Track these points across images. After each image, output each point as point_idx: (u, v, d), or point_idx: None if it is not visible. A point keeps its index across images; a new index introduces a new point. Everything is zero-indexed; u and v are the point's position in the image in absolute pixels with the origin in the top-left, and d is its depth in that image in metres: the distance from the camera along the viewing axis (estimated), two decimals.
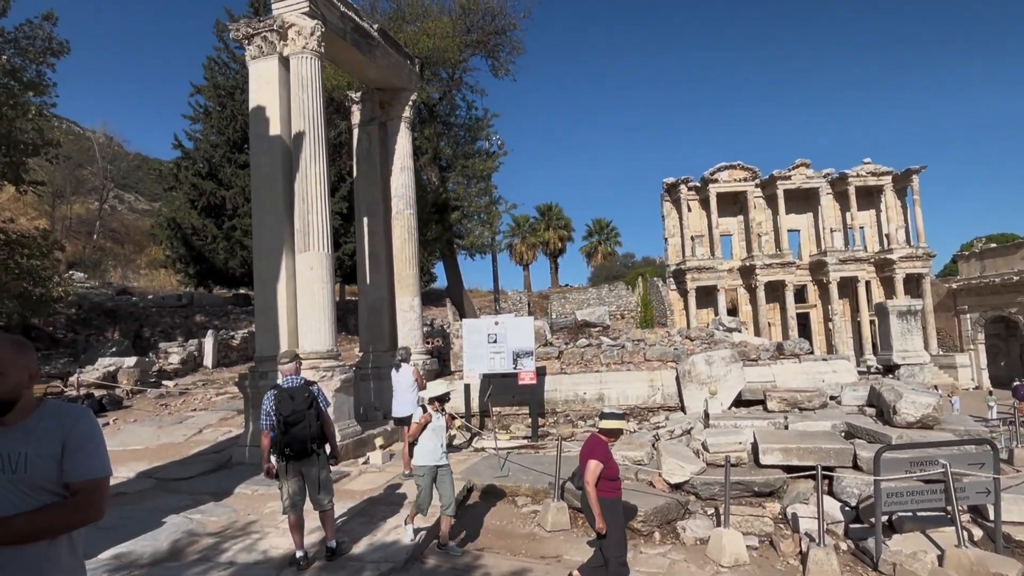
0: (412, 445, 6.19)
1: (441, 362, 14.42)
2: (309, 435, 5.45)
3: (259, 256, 10.35)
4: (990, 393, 28.60)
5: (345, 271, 27.63)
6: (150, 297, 29.60)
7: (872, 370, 18.76)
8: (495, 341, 11.21)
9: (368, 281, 13.28)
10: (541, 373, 12.15)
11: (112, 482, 7.91)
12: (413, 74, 13.81)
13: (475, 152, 20.53)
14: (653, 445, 8.88)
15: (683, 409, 11.49)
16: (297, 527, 5.55)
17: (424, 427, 6.05)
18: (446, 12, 19.03)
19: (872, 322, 37.59)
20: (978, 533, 6.20)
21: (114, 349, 19.11)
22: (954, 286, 40.77)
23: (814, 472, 6.09)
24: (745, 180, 42.45)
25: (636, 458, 8.24)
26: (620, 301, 43.99)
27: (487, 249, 21.36)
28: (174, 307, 26.75)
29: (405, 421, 9.16)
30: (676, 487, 7.47)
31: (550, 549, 6.35)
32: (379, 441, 9.96)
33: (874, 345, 37.65)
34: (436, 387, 6.44)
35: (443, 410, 6.29)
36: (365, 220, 13.34)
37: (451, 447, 10.22)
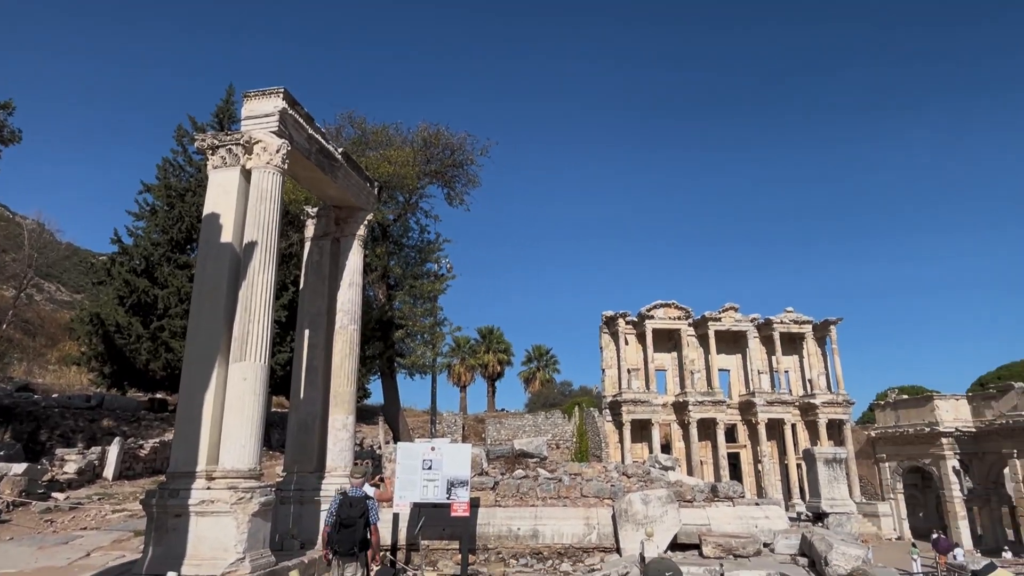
0: None
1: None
2: (355, 539, 6.89)
3: (190, 362, 9.88)
4: (914, 545, 29.01)
5: (275, 381, 26.53)
6: (55, 396, 27.32)
7: (802, 517, 18.88)
8: (430, 468, 10.77)
9: (302, 395, 12.77)
10: (475, 505, 11.64)
11: None
12: (371, 196, 14.28)
13: (424, 273, 20.91)
14: None
15: (619, 550, 11.13)
16: None
17: None
18: (408, 143, 20.16)
19: (799, 465, 38.36)
20: None
21: (2, 452, 17.23)
22: (872, 434, 42.49)
23: None
24: (679, 319, 44.42)
25: None
26: (556, 430, 43.58)
27: (427, 370, 21.12)
28: (80, 408, 24.69)
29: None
30: None
31: None
32: (294, 574, 9.11)
33: (801, 489, 38.20)
34: None
35: None
36: (306, 332, 13.09)
37: None
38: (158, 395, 29.17)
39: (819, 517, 15.85)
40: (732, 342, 45.11)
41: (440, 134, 20.47)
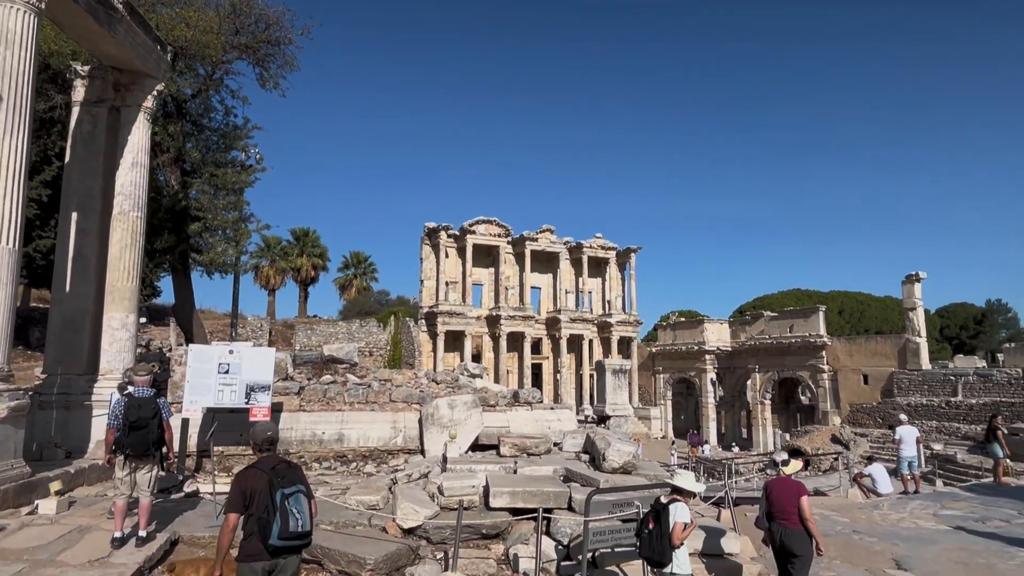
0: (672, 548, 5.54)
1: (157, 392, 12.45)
2: (150, 440, 6.60)
3: None
4: (673, 443, 34.45)
5: (36, 272, 22.63)
6: None
7: (589, 419, 21.25)
8: (227, 372, 10.04)
9: (68, 288, 11.00)
10: (277, 410, 11.19)
11: None
12: (163, 62, 12.18)
13: (228, 162, 18.69)
14: (390, 489, 8.70)
15: (423, 452, 11.53)
16: (122, 512, 6.51)
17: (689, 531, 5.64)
18: (212, 5, 17.35)
19: (592, 376, 42.71)
20: None
21: None
22: (653, 350, 48.60)
23: (537, 514, 6.52)
24: (499, 236, 45.74)
25: (371, 503, 7.96)
26: (371, 338, 43.33)
27: (229, 268, 19.29)
28: None
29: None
30: (409, 532, 7.37)
31: None
32: (55, 486, 8.09)
33: (592, 396, 42.78)
34: (691, 480, 5.88)
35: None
36: (74, 216, 11.13)
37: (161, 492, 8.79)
38: None
39: (603, 419, 17.88)
40: (546, 262, 47.76)
41: (253, 2, 17.88)
